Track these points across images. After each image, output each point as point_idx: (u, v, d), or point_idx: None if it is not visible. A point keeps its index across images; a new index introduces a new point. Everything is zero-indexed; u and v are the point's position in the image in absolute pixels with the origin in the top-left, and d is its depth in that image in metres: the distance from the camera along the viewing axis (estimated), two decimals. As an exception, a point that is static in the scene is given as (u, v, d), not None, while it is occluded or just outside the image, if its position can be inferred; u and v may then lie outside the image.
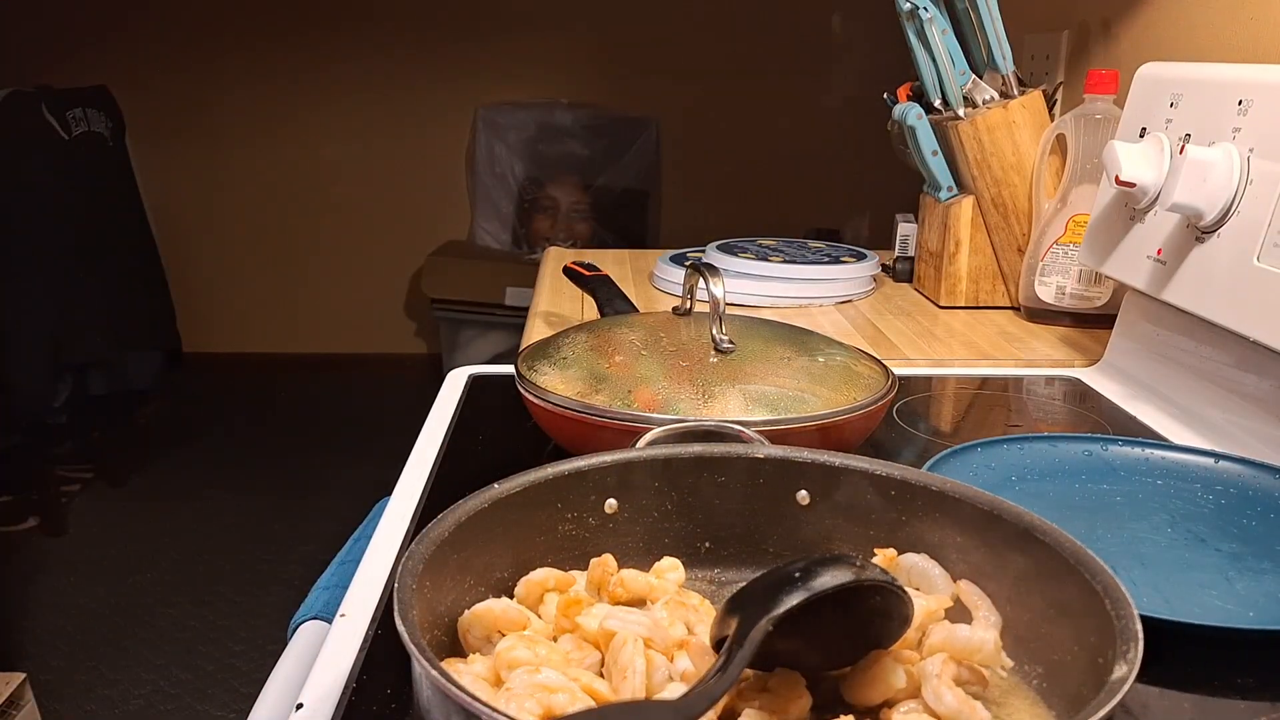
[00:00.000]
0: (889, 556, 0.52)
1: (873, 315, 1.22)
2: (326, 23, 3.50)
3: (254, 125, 3.60)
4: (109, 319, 2.92)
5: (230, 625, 2.24)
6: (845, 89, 3.22)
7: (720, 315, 0.73)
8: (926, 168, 1.24)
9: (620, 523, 0.55)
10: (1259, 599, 0.57)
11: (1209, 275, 0.82)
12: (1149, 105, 0.93)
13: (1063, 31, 1.41)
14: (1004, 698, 0.46)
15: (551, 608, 0.49)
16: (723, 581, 0.56)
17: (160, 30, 3.49)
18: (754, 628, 0.40)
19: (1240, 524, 0.65)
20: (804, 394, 0.70)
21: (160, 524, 2.72)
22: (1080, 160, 1.11)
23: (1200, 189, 0.80)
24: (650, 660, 0.43)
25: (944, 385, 0.99)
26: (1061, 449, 0.73)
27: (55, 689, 2.00)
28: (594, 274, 1.03)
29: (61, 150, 2.84)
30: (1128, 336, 0.98)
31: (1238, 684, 0.50)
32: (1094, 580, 0.44)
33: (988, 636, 0.45)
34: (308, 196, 3.69)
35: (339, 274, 3.77)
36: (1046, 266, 1.14)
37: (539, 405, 0.72)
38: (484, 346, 3.29)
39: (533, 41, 3.52)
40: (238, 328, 3.81)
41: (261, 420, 3.47)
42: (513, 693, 0.40)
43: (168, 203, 3.55)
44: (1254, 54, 1.01)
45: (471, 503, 0.49)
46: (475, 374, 0.97)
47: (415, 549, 0.45)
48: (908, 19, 1.18)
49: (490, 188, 3.56)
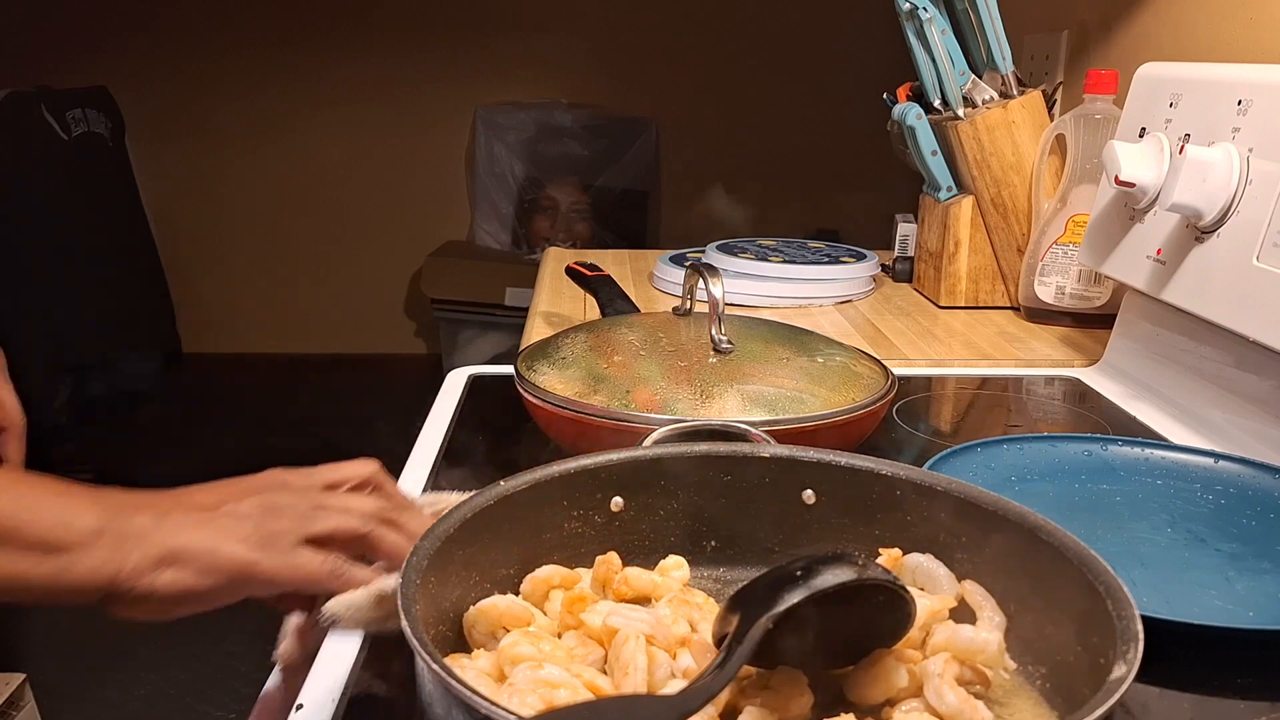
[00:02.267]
0: (894, 556, 0.52)
1: (872, 315, 1.22)
2: (327, 23, 3.50)
3: (254, 126, 3.60)
4: (109, 319, 2.92)
5: (230, 625, 2.24)
6: (845, 89, 3.22)
7: (720, 315, 0.73)
8: (926, 168, 1.24)
9: (626, 521, 0.55)
10: (1259, 599, 0.57)
11: (1209, 275, 0.82)
12: (1148, 105, 0.93)
13: (1062, 31, 1.41)
14: (1007, 698, 0.46)
15: (557, 604, 0.49)
16: (728, 580, 0.56)
17: (160, 31, 3.49)
18: (754, 625, 0.40)
19: (1240, 524, 0.65)
20: (803, 394, 0.70)
21: (160, 524, 2.71)
22: (1080, 160, 1.11)
23: (1200, 189, 0.80)
24: (652, 657, 0.43)
25: (944, 385, 0.99)
26: (1061, 449, 0.73)
27: (55, 689, 2.00)
28: (596, 274, 1.04)
29: (61, 150, 2.85)
30: (1127, 336, 0.99)
31: (1238, 684, 0.50)
32: (1096, 581, 0.44)
33: (991, 638, 0.45)
34: (307, 197, 3.69)
35: (339, 274, 3.77)
36: (1046, 266, 1.14)
37: (538, 405, 0.72)
38: (484, 347, 3.29)
39: (532, 42, 3.52)
40: (237, 328, 3.80)
41: (261, 421, 3.46)
42: (515, 688, 0.40)
43: (167, 203, 3.55)
44: (1254, 54, 1.01)
45: (478, 499, 0.50)
46: (475, 374, 0.97)
47: (421, 545, 0.45)
48: (907, 19, 1.18)
49: (490, 188, 3.56)
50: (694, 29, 3.49)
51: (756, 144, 3.58)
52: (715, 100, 3.54)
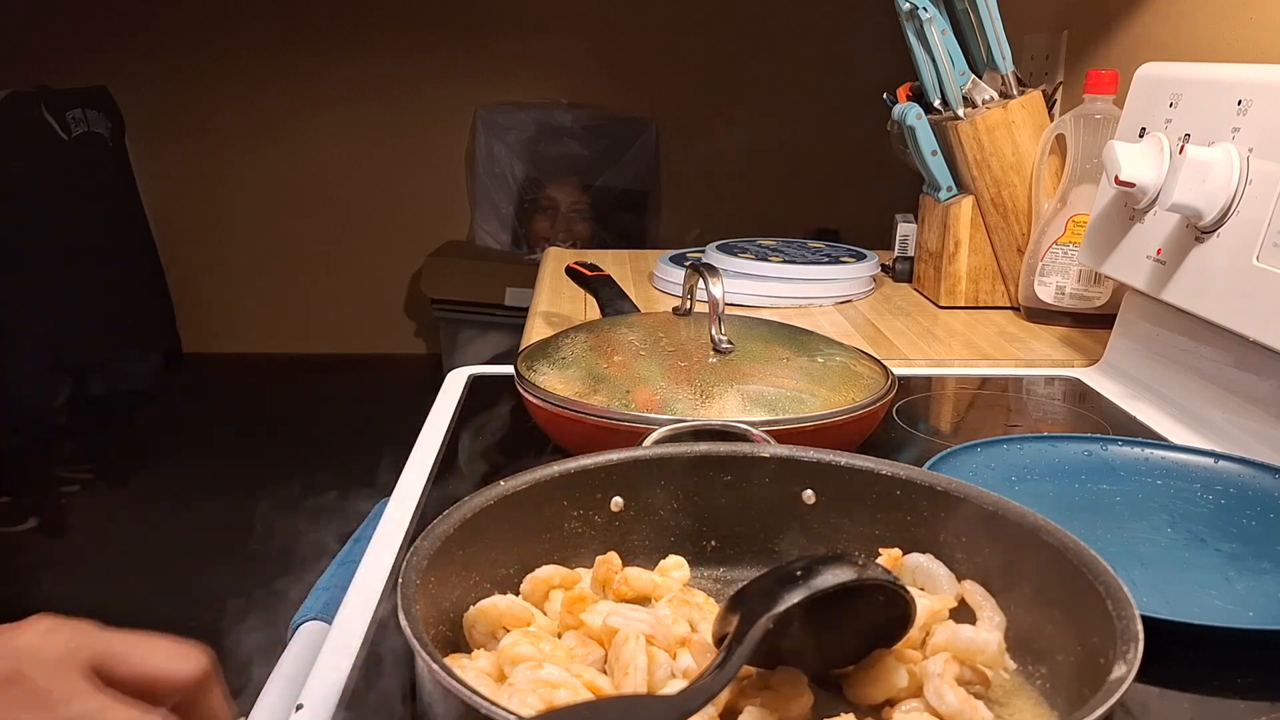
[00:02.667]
0: (894, 556, 0.52)
1: (872, 315, 1.22)
2: (326, 23, 3.50)
3: (254, 126, 3.60)
4: (109, 319, 2.92)
5: (230, 625, 2.24)
6: (845, 89, 3.22)
7: (719, 315, 0.73)
8: (926, 168, 1.24)
9: (626, 521, 0.55)
10: (1259, 599, 0.57)
11: (1209, 275, 0.82)
12: (1148, 105, 0.93)
13: (1063, 31, 1.41)
14: (1007, 698, 0.46)
15: (557, 604, 0.49)
16: (728, 580, 0.57)
17: (160, 31, 3.49)
18: (754, 625, 0.40)
19: (1240, 524, 0.65)
20: (803, 394, 0.70)
21: (160, 524, 2.71)
22: (1080, 160, 1.11)
23: (1200, 189, 0.80)
24: (652, 657, 0.43)
25: (944, 385, 0.99)
26: (1061, 449, 0.73)
27: (55, 689, 2.00)
28: (596, 274, 1.04)
29: (61, 150, 2.84)
30: (1127, 336, 0.99)
31: (1238, 684, 0.50)
32: (1097, 581, 0.44)
33: (991, 638, 0.45)
34: (307, 197, 3.69)
35: (339, 274, 3.77)
36: (1046, 266, 1.14)
37: (538, 405, 0.72)
38: (484, 347, 3.29)
39: (532, 42, 3.52)
40: (237, 328, 3.80)
41: (261, 421, 3.46)
42: (515, 688, 0.40)
43: (167, 203, 3.55)
44: (1254, 54, 1.01)
45: (478, 499, 0.50)
46: (475, 374, 0.97)
47: (421, 545, 0.45)
48: (907, 19, 1.18)
49: (490, 188, 3.56)
50: (694, 29, 3.49)
51: (756, 144, 3.58)
52: (715, 100, 3.54)
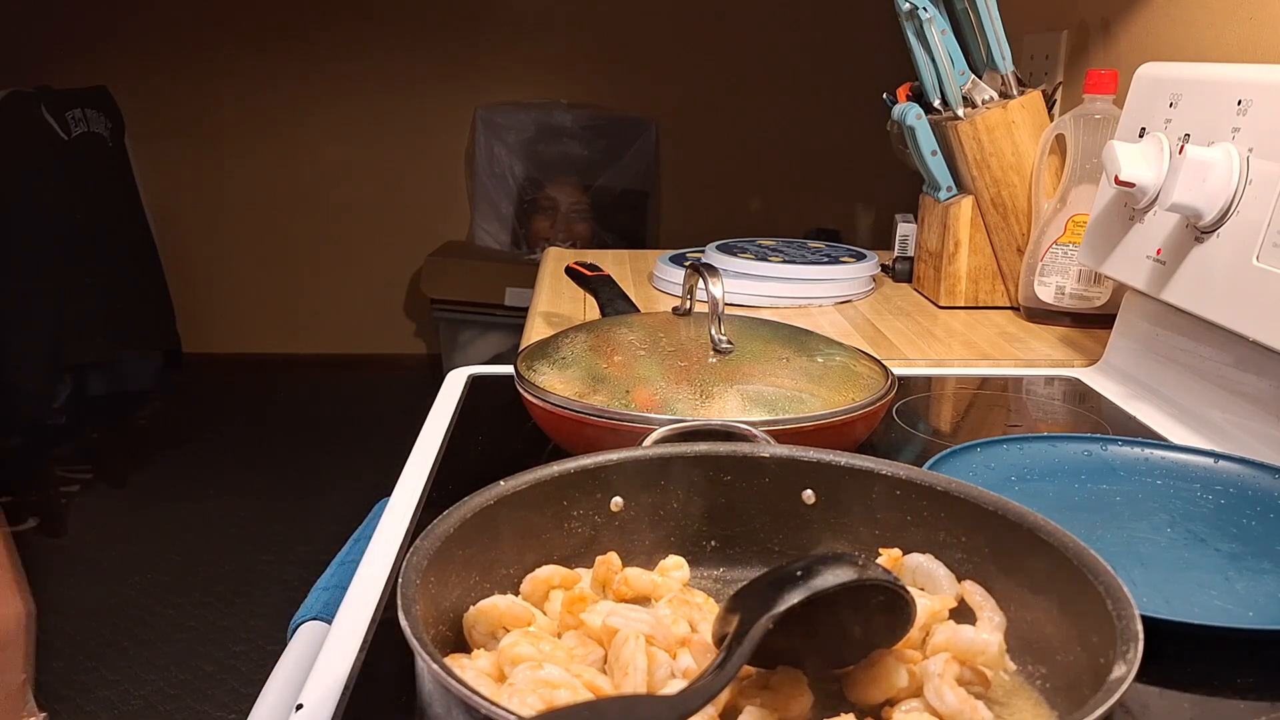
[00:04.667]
0: (894, 556, 0.52)
1: (872, 315, 1.22)
2: (326, 23, 3.50)
3: (254, 125, 3.60)
4: (109, 319, 2.92)
5: (230, 625, 2.24)
6: (845, 89, 3.23)
7: (719, 315, 0.73)
8: (926, 168, 1.24)
9: (626, 520, 0.55)
10: (1259, 599, 0.57)
11: (1208, 275, 0.82)
12: (1148, 105, 0.93)
13: (1062, 31, 1.41)
14: (1008, 698, 0.46)
15: (557, 604, 0.49)
16: (728, 580, 0.56)
17: (160, 31, 3.49)
18: (754, 625, 0.40)
19: (1240, 524, 0.65)
20: (803, 394, 0.70)
21: (160, 524, 2.71)
22: (1080, 160, 1.11)
23: (1199, 189, 0.80)
24: (652, 657, 0.43)
25: (943, 385, 0.99)
26: (1061, 449, 0.73)
27: (55, 689, 2.00)
28: (596, 274, 1.04)
29: (61, 151, 2.84)
30: (1127, 336, 0.99)
31: (1238, 684, 0.50)
32: (1097, 581, 0.44)
33: (992, 639, 0.45)
34: (307, 196, 3.69)
35: (339, 274, 3.77)
36: (1046, 266, 1.14)
37: (538, 405, 0.72)
38: (484, 347, 3.30)
39: (532, 42, 3.52)
40: (237, 328, 3.81)
41: (261, 421, 3.47)
42: (515, 688, 0.40)
43: (167, 203, 3.55)
44: (1253, 54, 1.01)
45: (478, 499, 0.49)
46: (475, 374, 0.97)
47: (420, 544, 0.45)
48: (907, 19, 1.18)
49: (490, 188, 3.56)
50: (694, 29, 3.49)
51: (756, 144, 3.58)
52: (715, 100, 3.54)
